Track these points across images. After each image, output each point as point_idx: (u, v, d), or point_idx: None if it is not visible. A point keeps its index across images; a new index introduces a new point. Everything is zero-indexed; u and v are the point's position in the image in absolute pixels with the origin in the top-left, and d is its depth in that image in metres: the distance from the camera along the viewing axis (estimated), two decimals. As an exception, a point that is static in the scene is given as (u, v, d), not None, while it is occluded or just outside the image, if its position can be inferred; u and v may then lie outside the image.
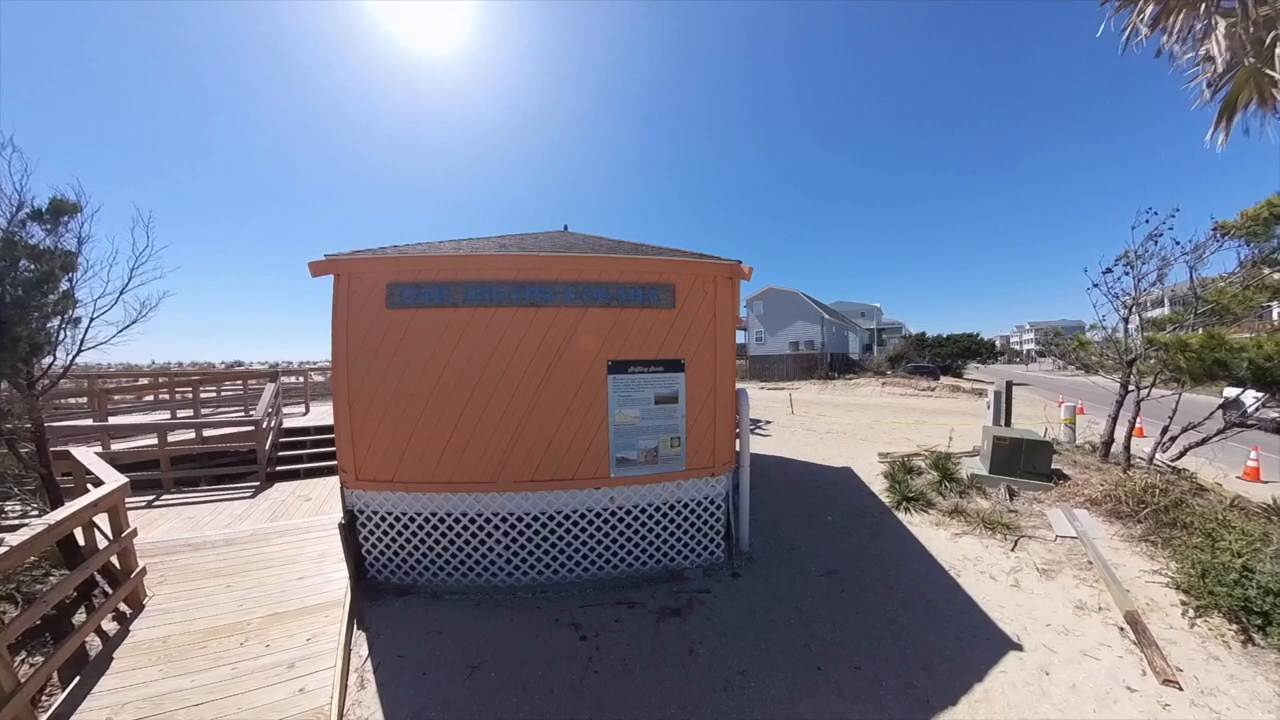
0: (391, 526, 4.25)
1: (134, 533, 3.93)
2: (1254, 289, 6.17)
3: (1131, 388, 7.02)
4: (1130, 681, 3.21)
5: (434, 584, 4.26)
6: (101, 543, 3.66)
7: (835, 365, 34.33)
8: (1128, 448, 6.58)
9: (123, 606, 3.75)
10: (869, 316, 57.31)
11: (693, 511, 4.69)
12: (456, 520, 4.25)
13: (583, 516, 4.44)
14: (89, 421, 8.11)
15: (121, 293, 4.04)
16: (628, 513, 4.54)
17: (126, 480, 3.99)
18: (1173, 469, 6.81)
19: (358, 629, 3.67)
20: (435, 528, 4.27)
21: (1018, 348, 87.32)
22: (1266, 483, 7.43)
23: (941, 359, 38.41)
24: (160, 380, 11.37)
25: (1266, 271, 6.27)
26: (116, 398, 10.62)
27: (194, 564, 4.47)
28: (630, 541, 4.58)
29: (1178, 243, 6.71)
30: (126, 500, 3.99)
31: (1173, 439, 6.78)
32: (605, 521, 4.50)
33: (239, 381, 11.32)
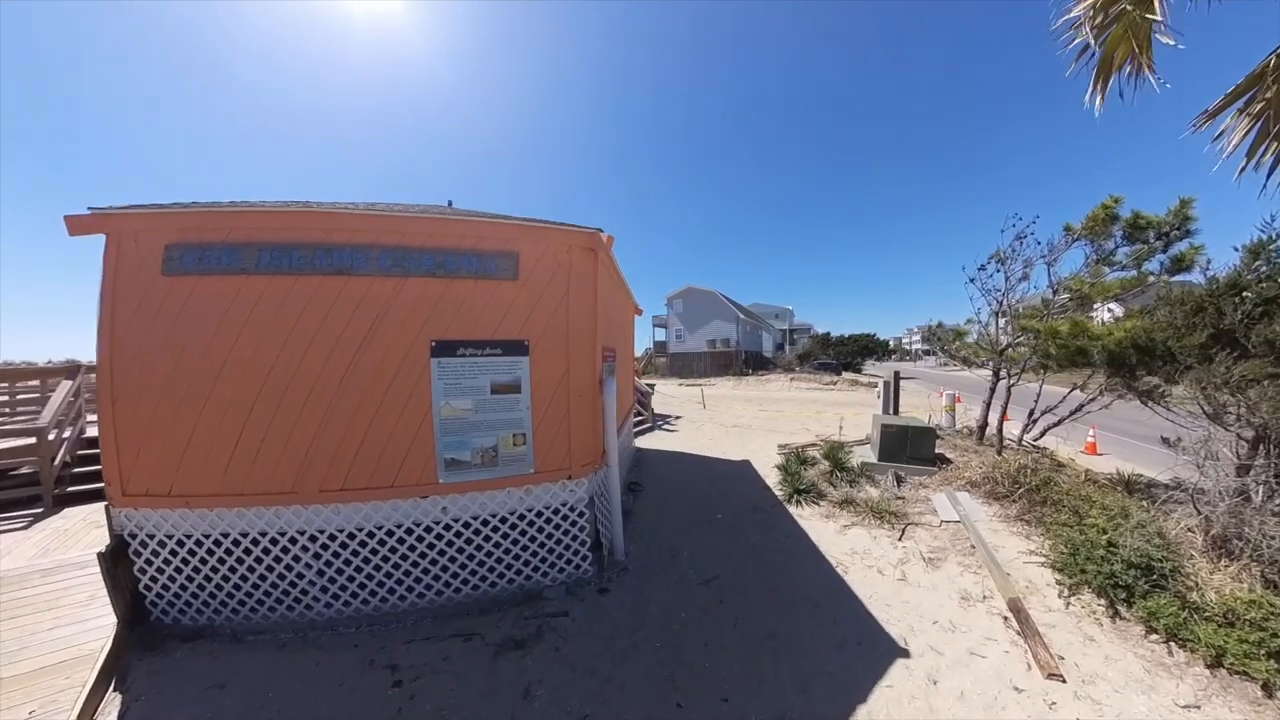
0: (174, 553, 3.32)
1: None
2: (1099, 288, 6.63)
3: (1003, 376, 7.35)
4: (1017, 680, 2.84)
5: (234, 623, 3.36)
6: None
7: (750, 362, 35.49)
8: (1000, 431, 6.81)
9: None
10: (782, 318, 60.62)
11: (549, 521, 3.87)
12: (255, 542, 3.36)
13: (409, 532, 3.55)
14: None
15: None
16: (466, 525, 3.68)
17: None
18: (1035, 447, 7.22)
19: (114, 690, 2.83)
20: (229, 552, 3.36)
21: (909, 347, 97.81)
22: (1102, 454, 8.35)
23: (844, 356, 41.33)
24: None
25: (1106, 271, 6.80)
26: None
27: None
28: (473, 559, 3.71)
29: (1039, 242, 7.13)
30: None
31: (1034, 421, 7.21)
32: (439, 537, 3.62)
33: (4, 384, 8.66)
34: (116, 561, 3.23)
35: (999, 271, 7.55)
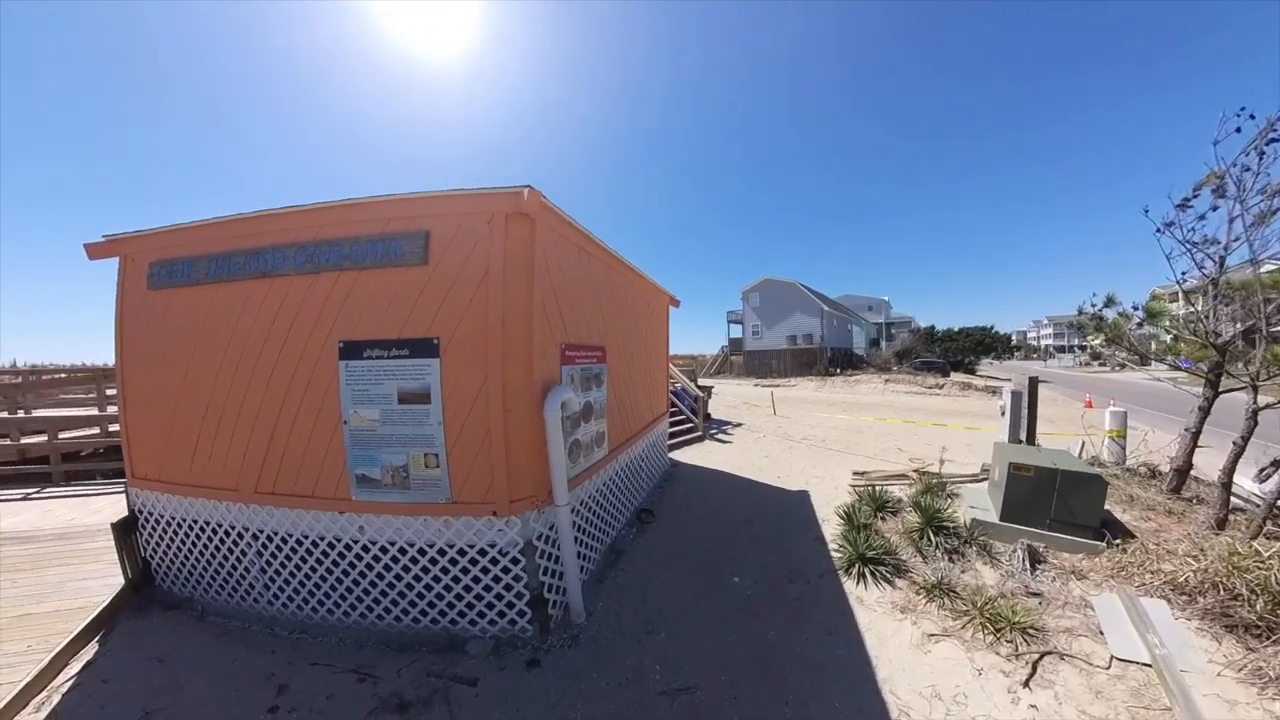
0: (165, 531, 3.71)
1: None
2: None
3: (1235, 386, 4.56)
4: None
5: (205, 600, 3.63)
6: None
7: (836, 360, 31.50)
8: (1228, 487, 4.00)
9: None
10: (877, 310, 53.71)
11: (474, 563, 3.00)
12: (215, 530, 3.52)
13: (332, 546, 3.22)
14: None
15: None
16: (384, 550, 3.10)
17: None
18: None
19: (96, 642, 3.13)
20: (199, 536, 3.59)
21: (1035, 343, 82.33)
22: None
23: (953, 354, 35.41)
24: (78, 375, 10.64)
25: None
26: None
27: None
28: (394, 589, 3.13)
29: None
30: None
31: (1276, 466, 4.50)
32: (358, 558, 3.17)
33: (93, 382, 10.31)
34: (127, 531, 3.71)
35: (1215, 208, 4.47)
